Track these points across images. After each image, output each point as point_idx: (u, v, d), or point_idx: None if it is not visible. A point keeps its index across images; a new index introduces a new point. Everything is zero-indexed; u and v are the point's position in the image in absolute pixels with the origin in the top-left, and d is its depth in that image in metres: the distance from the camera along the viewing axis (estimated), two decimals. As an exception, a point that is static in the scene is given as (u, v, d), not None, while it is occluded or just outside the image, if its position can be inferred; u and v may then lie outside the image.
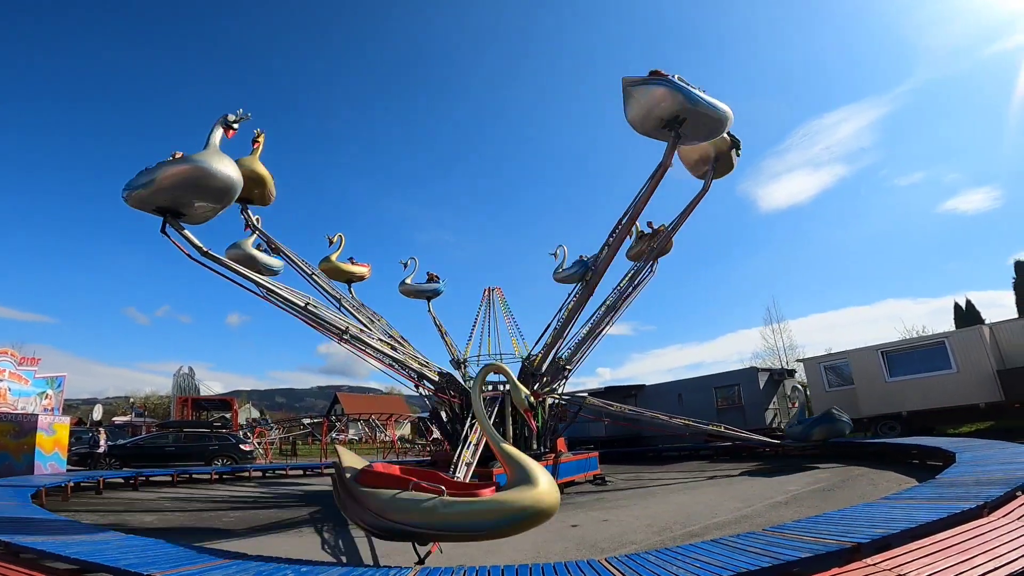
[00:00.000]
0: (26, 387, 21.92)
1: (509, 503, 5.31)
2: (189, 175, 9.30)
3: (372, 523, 5.54)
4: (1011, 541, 4.02)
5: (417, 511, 5.31)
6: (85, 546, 5.37)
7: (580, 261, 19.50)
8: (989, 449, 9.12)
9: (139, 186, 9.40)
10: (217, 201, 9.89)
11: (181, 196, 9.52)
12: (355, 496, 5.73)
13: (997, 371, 15.40)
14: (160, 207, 9.58)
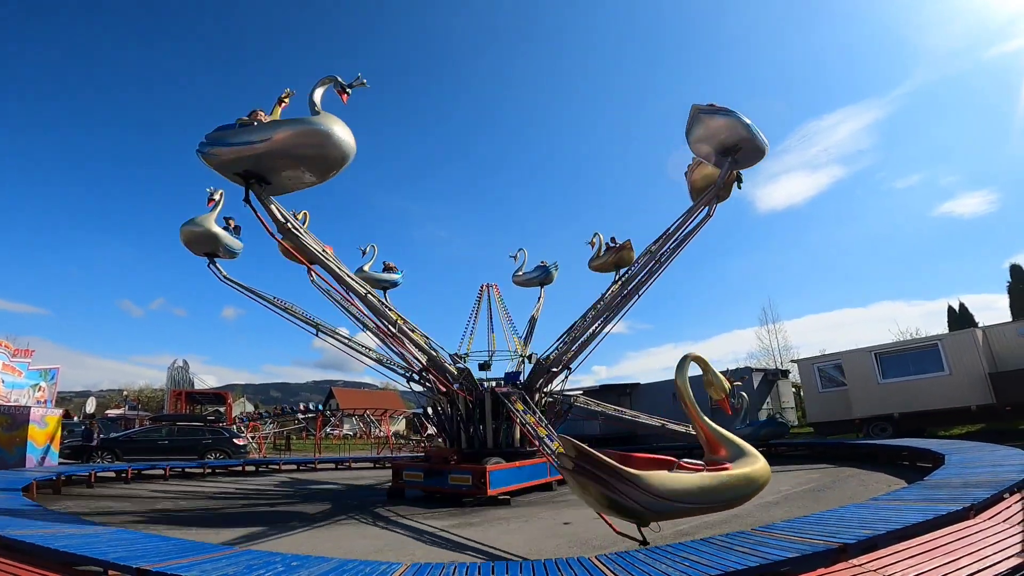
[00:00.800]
0: (19, 379, 21.82)
1: (753, 475, 6.20)
2: (306, 138, 8.77)
3: (649, 503, 5.75)
4: (996, 543, 4.06)
5: (695, 487, 5.86)
6: (75, 539, 5.37)
7: (541, 266, 20.41)
8: (978, 451, 9.18)
9: (235, 144, 8.81)
10: (324, 172, 9.37)
11: (283, 162, 8.96)
12: (628, 479, 5.80)
13: (989, 374, 15.49)
14: (249, 172, 9.07)
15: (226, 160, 8.91)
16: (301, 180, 9.53)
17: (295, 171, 9.24)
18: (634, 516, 6.00)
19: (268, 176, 9.25)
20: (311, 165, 9.16)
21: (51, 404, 21.91)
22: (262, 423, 34.53)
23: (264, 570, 4.25)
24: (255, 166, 9.00)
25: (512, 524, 8.60)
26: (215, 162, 8.99)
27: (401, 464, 13.20)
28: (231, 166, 9.00)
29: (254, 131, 8.79)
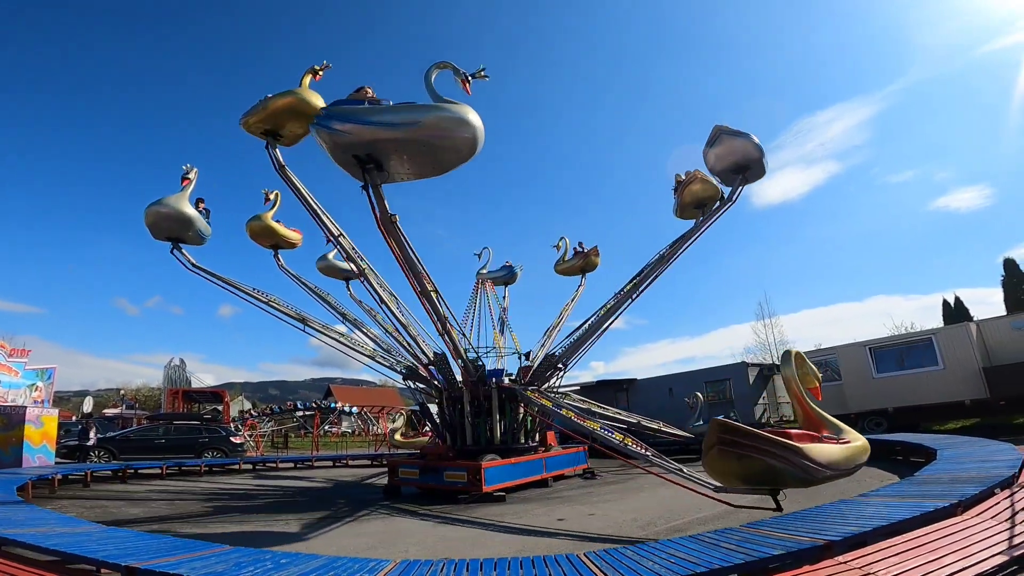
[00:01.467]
0: (16, 379, 21.78)
1: (865, 447, 7.43)
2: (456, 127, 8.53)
3: (811, 471, 6.58)
4: (982, 540, 4.07)
5: (839, 456, 6.87)
6: (65, 538, 5.39)
7: (507, 266, 21.14)
8: (970, 447, 9.21)
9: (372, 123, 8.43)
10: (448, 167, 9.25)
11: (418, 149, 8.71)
12: (795, 450, 6.51)
13: (983, 368, 15.55)
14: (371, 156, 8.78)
15: (359, 140, 8.45)
16: (413, 173, 9.21)
17: (419, 161, 8.88)
18: (798, 482, 6.78)
19: (385, 163, 8.89)
20: (444, 157, 8.85)
21: (48, 404, 21.89)
22: (259, 421, 34.53)
23: (253, 567, 4.26)
24: (383, 150, 8.61)
25: (507, 520, 8.61)
26: (344, 141, 8.53)
27: (397, 461, 13.21)
28: (359, 148, 8.57)
29: (394, 112, 8.39)
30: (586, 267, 19.02)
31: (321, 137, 8.88)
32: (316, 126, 8.90)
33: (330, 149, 8.85)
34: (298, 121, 10.99)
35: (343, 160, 9.04)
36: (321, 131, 8.78)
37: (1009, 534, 4.22)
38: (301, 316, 15.16)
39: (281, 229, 15.80)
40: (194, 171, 14.03)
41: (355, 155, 8.84)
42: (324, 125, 8.76)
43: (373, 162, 8.87)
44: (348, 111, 8.70)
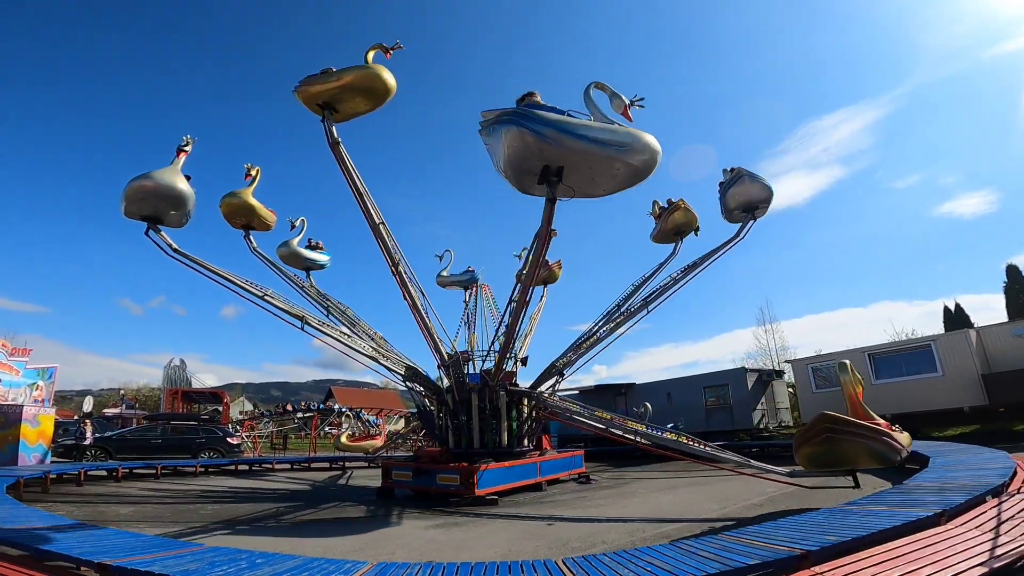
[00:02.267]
0: (17, 378, 21.87)
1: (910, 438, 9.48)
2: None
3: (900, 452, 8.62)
4: (963, 551, 4.01)
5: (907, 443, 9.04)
6: (44, 535, 5.39)
7: (468, 271, 21.45)
8: (963, 454, 9.14)
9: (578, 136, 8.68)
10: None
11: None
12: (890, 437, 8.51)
13: (982, 375, 15.43)
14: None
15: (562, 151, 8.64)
16: (582, 192, 9.68)
17: (602, 180, 9.35)
18: (888, 462, 8.50)
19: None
20: (627, 180, 9.36)
21: (49, 403, 21.97)
22: (258, 422, 34.54)
23: (227, 566, 4.25)
24: (576, 164, 8.93)
25: (496, 524, 8.58)
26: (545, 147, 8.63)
27: (391, 463, 13.17)
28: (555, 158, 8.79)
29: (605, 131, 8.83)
30: (548, 279, 20.04)
31: (514, 138, 8.53)
32: (511, 124, 8.50)
33: (519, 151, 8.63)
34: (363, 98, 11.53)
35: (527, 166, 8.83)
36: (523, 132, 8.43)
37: (991, 544, 4.16)
38: (301, 314, 13.84)
39: (261, 208, 15.39)
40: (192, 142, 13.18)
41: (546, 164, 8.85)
42: (527, 126, 8.42)
43: (558, 175, 8.81)
44: (555, 119, 8.52)
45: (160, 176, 11.80)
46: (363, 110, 11.90)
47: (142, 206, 11.83)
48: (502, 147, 8.90)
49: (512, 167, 9.03)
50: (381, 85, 11.44)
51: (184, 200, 11.99)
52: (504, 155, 8.95)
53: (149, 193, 11.69)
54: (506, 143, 8.73)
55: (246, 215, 15.20)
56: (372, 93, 11.51)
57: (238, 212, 15.07)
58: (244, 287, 13.26)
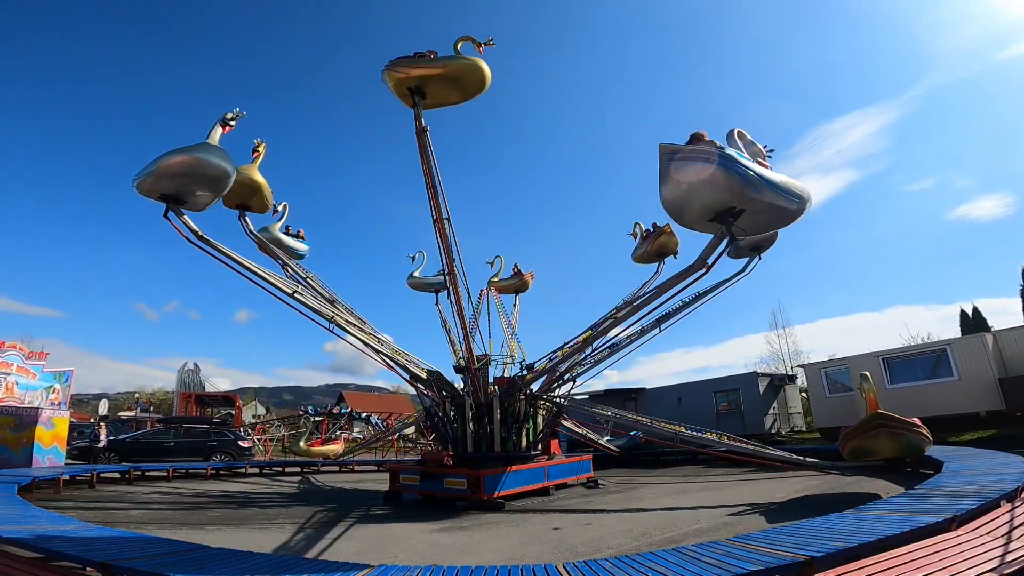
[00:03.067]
0: (34, 381, 22.17)
1: None
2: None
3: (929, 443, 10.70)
4: (973, 557, 3.92)
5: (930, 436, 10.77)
6: (51, 536, 5.44)
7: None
8: (977, 459, 8.95)
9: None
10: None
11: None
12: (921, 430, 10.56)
13: (999, 379, 15.15)
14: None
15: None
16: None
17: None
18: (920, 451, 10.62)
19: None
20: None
21: (65, 406, 22.23)
22: (269, 426, 34.76)
23: (228, 568, 4.25)
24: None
25: (502, 529, 8.54)
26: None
27: (398, 467, 13.18)
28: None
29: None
30: (519, 288, 20.99)
31: (718, 177, 8.84)
32: (720, 165, 8.81)
33: (715, 190, 8.98)
34: (458, 89, 11.52)
35: (713, 204, 9.21)
36: (730, 175, 8.77)
37: (1002, 551, 4.06)
38: (330, 314, 12.96)
39: (266, 186, 14.61)
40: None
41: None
42: (735, 170, 8.81)
43: (736, 216, 9.31)
44: (759, 170, 9.06)
45: (201, 151, 10.82)
46: (452, 101, 11.83)
47: (170, 184, 10.70)
48: (692, 180, 9.17)
49: (694, 200, 9.38)
50: (480, 78, 11.41)
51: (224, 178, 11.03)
52: (689, 188, 9.29)
53: (187, 168, 10.58)
54: (703, 179, 9.03)
55: (247, 193, 14.23)
56: (467, 84, 11.49)
57: (239, 189, 13.53)
58: (274, 283, 12.37)
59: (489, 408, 12.66)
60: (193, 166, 10.60)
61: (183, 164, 10.58)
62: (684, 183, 9.27)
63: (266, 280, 12.19)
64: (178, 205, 11.07)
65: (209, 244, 11.45)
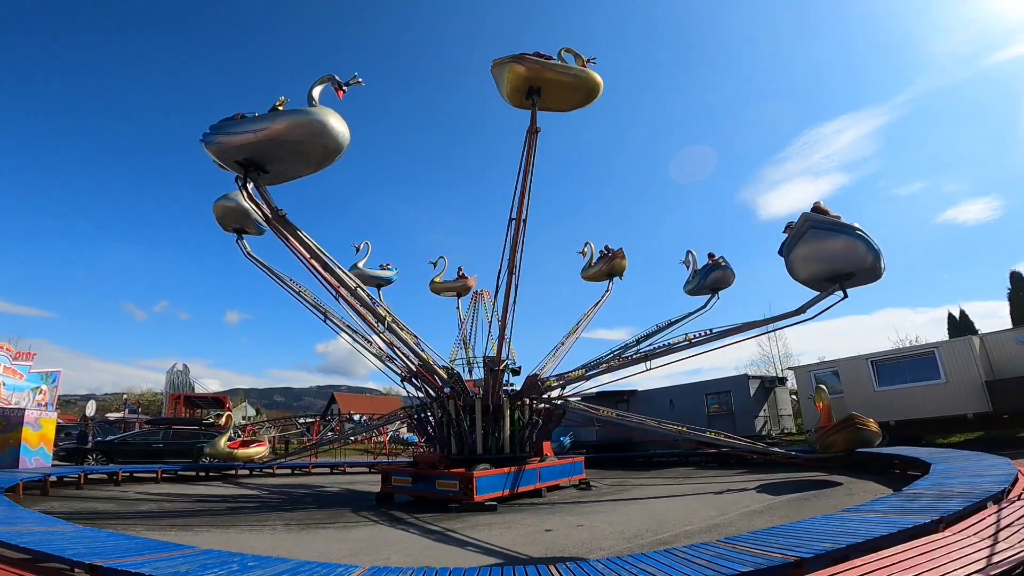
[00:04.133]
0: (20, 382, 21.93)
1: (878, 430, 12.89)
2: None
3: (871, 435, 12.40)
4: (960, 559, 3.96)
5: None
6: (39, 536, 5.40)
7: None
8: (964, 461, 9.05)
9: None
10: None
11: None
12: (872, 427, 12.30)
13: (986, 381, 15.32)
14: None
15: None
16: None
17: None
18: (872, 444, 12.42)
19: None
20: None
21: (52, 407, 22.00)
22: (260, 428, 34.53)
23: (219, 569, 4.23)
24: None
25: (494, 530, 8.53)
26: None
27: (390, 469, 13.15)
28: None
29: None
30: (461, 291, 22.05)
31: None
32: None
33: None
34: (572, 97, 11.70)
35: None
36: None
37: (989, 552, 4.11)
38: (324, 309, 14.96)
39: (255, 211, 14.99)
40: None
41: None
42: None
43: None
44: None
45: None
46: (563, 108, 12.10)
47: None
48: (834, 249, 10.81)
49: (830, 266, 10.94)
50: (594, 93, 11.72)
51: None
52: (829, 255, 10.88)
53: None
54: (845, 249, 10.71)
55: (240, 218, 14.72)
56: (582, 96, 11.76)
57: (231, 215, 14.55)
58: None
59: (495, 411, 12.74)
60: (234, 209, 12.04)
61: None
62: (823, 248, 10.82)
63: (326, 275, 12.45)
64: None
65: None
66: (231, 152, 9.53)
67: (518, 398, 13.44)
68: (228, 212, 14.38)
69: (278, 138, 9.31)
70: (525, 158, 11.72)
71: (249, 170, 9.86)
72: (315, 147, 9.59)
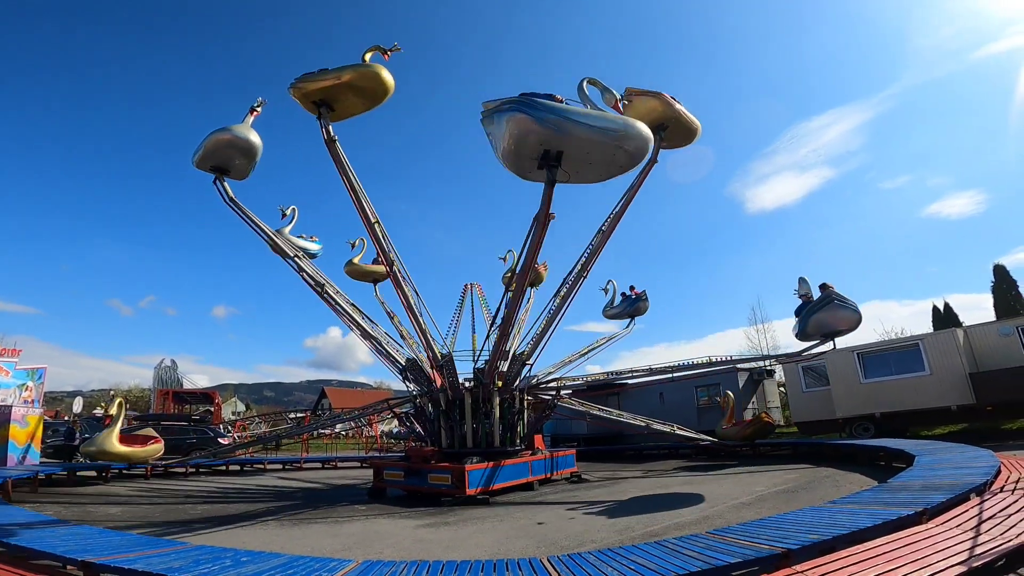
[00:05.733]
0: (6, 379, 21.67)
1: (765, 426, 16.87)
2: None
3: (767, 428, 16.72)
4: (943, 550, 4.05)
5: None
6: (30, 534, 5.38)
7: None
8: (948, 453, 9.21)
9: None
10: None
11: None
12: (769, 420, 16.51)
13: (969, 374, 15.54)
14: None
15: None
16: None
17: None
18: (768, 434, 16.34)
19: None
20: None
21: (38, 404, 21.77)
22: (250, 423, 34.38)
23: (212, 564, 4.25)
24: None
25: (486, 524, 8.60)
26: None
27: (382, 463, 13.17)
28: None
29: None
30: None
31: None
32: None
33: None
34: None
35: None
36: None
37: (971, 543, 4.20)
38: (320, 281, 14.46)
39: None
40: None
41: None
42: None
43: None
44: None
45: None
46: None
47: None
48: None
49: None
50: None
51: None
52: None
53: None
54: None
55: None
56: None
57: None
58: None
59: (485, 403, 12.79)
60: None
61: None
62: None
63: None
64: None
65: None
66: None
67: (507, 390, 13.45)
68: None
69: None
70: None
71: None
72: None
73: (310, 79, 11.83)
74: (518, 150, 9.61)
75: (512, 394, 13.55)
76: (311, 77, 11.87)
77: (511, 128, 9.38)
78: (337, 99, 12.05)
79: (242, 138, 13.12)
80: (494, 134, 10.17)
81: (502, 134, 9.68)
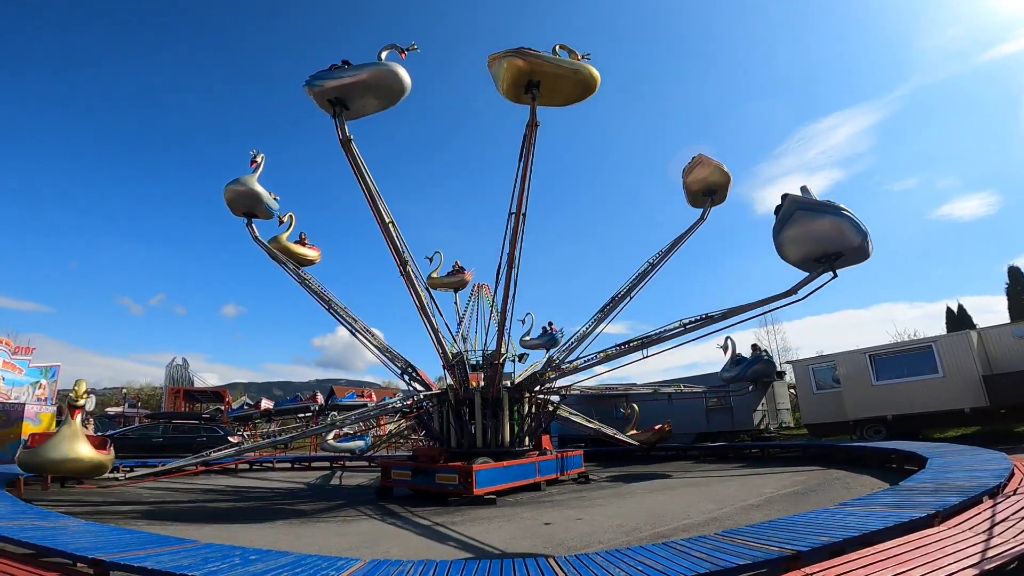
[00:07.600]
0: (20, 376, 21.99)
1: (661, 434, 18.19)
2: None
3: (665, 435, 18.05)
4: (954, 553, 4.00)
5: None
6: (41, 531, 5.43)
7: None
8: (960, 455, 9.10)
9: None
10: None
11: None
12: None
13: (983, 376, 15.36)
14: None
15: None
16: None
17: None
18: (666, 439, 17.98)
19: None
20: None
21: (51, 401, 22.07)
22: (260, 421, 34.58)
23: (220, 562, 4.27)
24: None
25: (493, 524, 8.59)
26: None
27: (389, 463, 13.20)
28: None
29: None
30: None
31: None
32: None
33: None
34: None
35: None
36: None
37: (984, 546, 4.15)
38: (327, 298, 15.37)
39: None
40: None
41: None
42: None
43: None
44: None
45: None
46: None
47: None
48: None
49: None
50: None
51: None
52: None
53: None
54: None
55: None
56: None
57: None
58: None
59: (493, 404, 12.80)
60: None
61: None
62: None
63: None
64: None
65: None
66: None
67: (518, 391, 13.49)
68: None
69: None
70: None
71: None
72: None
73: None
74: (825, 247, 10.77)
75: (522, 395, 13.57)
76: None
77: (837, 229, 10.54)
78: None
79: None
80: (801, 221, 10.85)
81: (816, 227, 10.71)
